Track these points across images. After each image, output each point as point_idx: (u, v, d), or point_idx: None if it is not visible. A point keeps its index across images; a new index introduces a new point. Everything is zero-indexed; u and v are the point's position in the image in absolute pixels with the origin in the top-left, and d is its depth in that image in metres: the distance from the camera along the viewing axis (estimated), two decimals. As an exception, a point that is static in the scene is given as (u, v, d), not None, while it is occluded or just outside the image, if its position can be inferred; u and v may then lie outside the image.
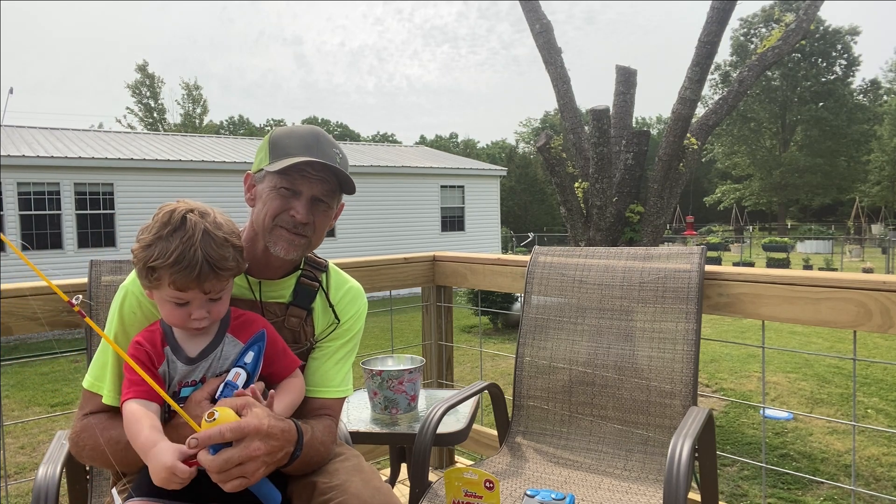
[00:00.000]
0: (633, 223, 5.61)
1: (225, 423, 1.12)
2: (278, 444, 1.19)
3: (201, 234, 1.22)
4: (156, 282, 1.23)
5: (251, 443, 1.14)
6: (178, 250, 1.20)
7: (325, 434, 1.39)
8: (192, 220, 1.23)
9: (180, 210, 1.25)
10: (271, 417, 1.20)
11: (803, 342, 9.87)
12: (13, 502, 5.06)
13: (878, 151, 42.57)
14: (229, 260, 1.25)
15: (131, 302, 1.38)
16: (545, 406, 2.17)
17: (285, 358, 1.39)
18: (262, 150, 1.44)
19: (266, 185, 1.40)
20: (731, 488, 4.89)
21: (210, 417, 1.12)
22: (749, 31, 41.98)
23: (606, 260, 2.18)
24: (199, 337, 1.31)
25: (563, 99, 5.97)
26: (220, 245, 1.24)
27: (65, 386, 8.64)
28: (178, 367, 1.29)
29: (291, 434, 1.24)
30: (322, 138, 1.42)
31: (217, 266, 1.22)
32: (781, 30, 5.79)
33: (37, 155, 13.16)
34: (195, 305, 1.25)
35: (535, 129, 62.33)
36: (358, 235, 17.45)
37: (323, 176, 1.40)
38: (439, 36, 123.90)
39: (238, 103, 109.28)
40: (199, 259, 1.20)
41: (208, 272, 1.21)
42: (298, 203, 1.39)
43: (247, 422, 1.14)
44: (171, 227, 1.22)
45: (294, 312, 1.47)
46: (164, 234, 1.22)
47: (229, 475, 1.12)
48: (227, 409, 1.15)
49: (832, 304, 1.80)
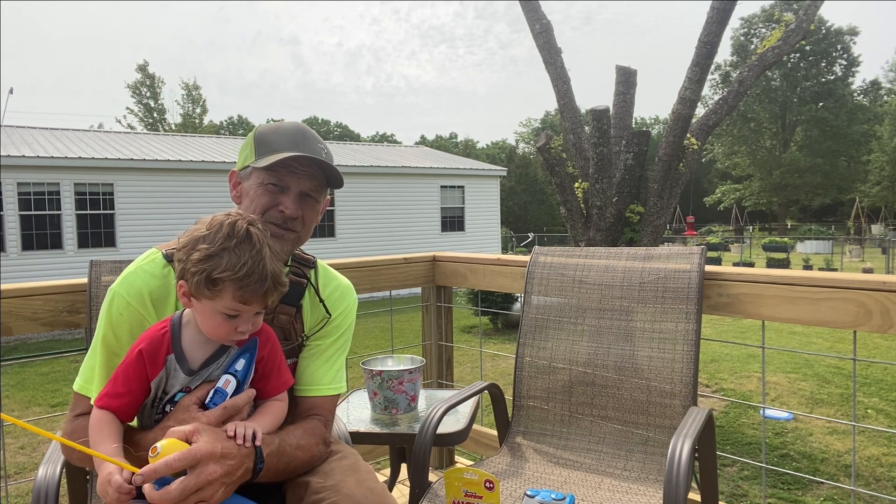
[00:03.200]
0: (633, 223, 5.62)
1: (170, 455, 1.08)
2: (236, 462, 1.16)
3: (268, 251, 1.23)
4: (217, 293, 1.20)
5: (206, 467, 1.11)
6: (248, 264, 1.19)
7: (305, 437, 1.36)
8: (257, 235, 1.23)
9: (243, 221, 1.24)
10: (224, 439, 1.17)
11: (803, 342, 9.87)
12: (13, 502, 5.06)
13: (878, 151, 42.56)
14: (284, 275, 1.27)
15: (119, 304, 1.36)
16: (545, 406, 2.17)
17: (278, 377, 1.36)
18: (246, 147, 1.45)
19: (253, 182, 1.41)
20: (731, 488, 4.89)
21: (153, 452, 1.09)
22: (749, 31, 41.99)
23: (606, 260, 2.18)
24: (206, 345, 1.29)
25: (563, 99, 5.97)
26: (279, 259, 1.27)
27: (65, 386, 8.64)
28: (180, 376, 1.27)
29: (248, 449, 1.20)
30: (308, 134, 1.43)
31: (278, 281, 1.24)
32: (781, 30, 5.79)
33: (37, 155, 13.16)
34: (244, 318, 1.24)
35: (535, 130, 62.35)
36: (358, 235, 17.45)
37: (310, 171, 1.41)
38: (437, 36, 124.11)
39: (236, 103, 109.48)
40: (267, 274, 1.21)
41: (272, 287, 1.23)
42: (287, 198, 1.40)
43: (197, 448, 1.11)
44: (237, 240, 1.21)
45: (283, 310, 1.46)
46: (231, 245, 1.20)
47: (187, 503, 1.10)
48: (173, 441, 1.12)
49: (832, 304, 1.80)
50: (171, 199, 14.51)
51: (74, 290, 1.97)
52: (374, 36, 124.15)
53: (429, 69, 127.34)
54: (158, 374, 1.26)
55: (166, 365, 1.27)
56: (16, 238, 13.02)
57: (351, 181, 17.18)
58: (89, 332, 1.87)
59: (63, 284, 1.97)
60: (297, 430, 1.36)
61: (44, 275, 13.00)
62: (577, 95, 6.04)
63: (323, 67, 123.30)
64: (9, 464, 5.68)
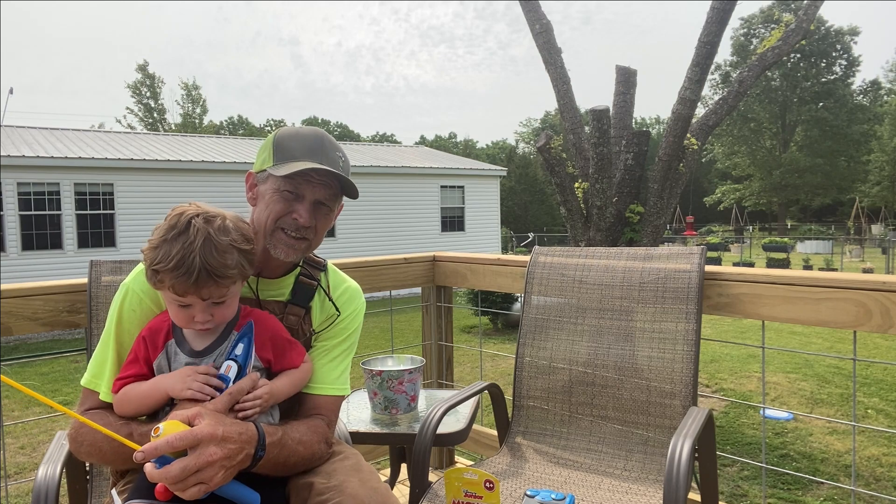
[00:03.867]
0: (633, 223, 5.62)
1: (172, 433, 1.10)
2: (236, 447, 1.17)
3: (202, 240, 1.22)
4: (159, 284, 1.25)
5: (206, 448, 1.12)
6: (179, 256, 1.20)
7: (308, 433, 1.37)
8: (195, 226, 1.23)
9: (187, 214, 1.25)
10: (226, 422, 1.18)
11: (803, 342, 9.87)
12: (13, 502, 5.06)
13: (878, 151, 42.54)
14: (231, 267, 1.25)
15: (132, 300, 1.39)
16: (545, 406, 2.18)
17: (293, 349, 1.40)
18: (265, 149, 1.45)
19: (269, 187, 1.41)
20: (731, 488, 4.89)
21: (156, 432, 1.10)
22: (749, 31, 42.00)
23: (606, 260, 2.18)
24: (206, 334, 1.33)
25: (563, 99, 5.97)
26: (222, 252, 1.24)
27: (65, 386, 8.64)
28: (182, 358, 1.30)
29: (250, 435, 1.22)
30: (326, 142, 1.44)
31: (216, 273, 1.22)
32: (781, 30, 5.79)
33: (37, 155, 13.16)
34: (198, 309, 1.26)
35: (535, 129, 62.35)
36: (358, 235, 17.45)
37: (326, 181, 1.41)
38: (436, 36, 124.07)
39: (235, 103, 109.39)
40: (196, 266, 1.20)
41: (206, 279, 1.22)
42: (301, 206, 1.40)
43: (199, 429, 1.13)
44: (175, 231, 1.23)
45: (293, 311, 1.48)
46: (169, 237, 1.23)
47: (186, 483, 1.11)
48: (174, 422, 1.14)
49: (832, 304, 1.79)
50: (171, 199, 14.49)
51: (74, 290, 1.97)
52: (374, 36, 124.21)
53: (428, 69, 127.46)
54: (158, 357, 1.31)
55: (167, 349, 1.31)
56: (16, 238, 13.02)
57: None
58: (89, 332, 1.87)
59: (63, 284, 1.97)
60: (301, 426, 1.38)
61: (44, 275, 13.00)
62: (577, 95, 6.04)
63: (322, 67, 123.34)
64: (9, 464, 5.68)
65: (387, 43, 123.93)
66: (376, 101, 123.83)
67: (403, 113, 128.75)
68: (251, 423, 1.25)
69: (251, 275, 1.37)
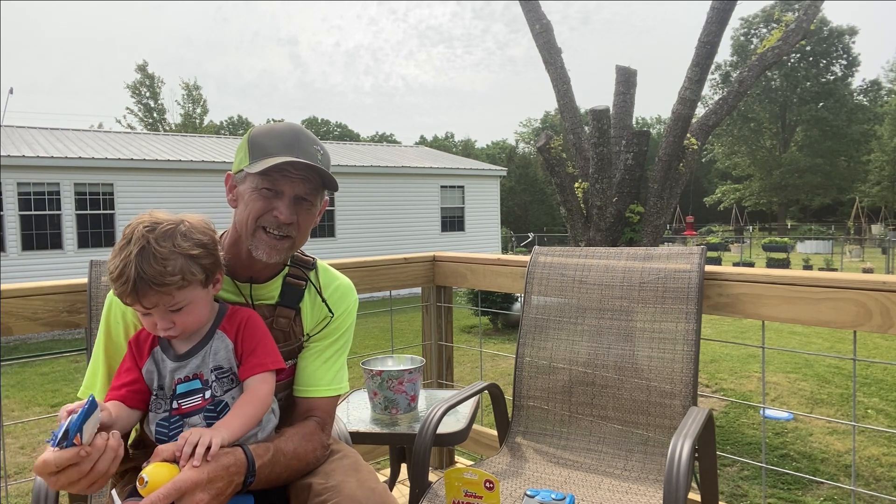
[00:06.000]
0: (633, 223, 5.62)
1: (156, 491, 1.07)
2: (224, 484, 1.16)
3: (139, 249, 1.20)
4: (117, 293, 1.25)
5: (192, 497, 1.10)
6: (120, 266, 1.20)
7: (303, 443, 1.36)
8: (136, 235, 1.22)
9: (134, 224, 1.24)
10: (210, 462, 1.15)
11: (803, 342, 9.87)
12: (13, 502, 5.06)
13: (878, 151, 42.56)
14: (171, 273, 1.20)
15: (115, 312, 1.40)
16: (545, 406, 2.17)
17: (255, 357, 1.33)
18: (241, 149, 1.42)
19: (247, 186, 1.38)
20: (731, 488, 4.89)
21: (141, 483, 1.08)
22: (749, 31, 42.00)
23: (606, 260, 2.18)
24: (189, 337, 1.32)
25: (563, 99, 5.97)
26: (161, 259, 1.20)
27: (65, 386, 8.64)
28: (168, 364, 1.30)
29: (239, 466, 1.19)
30: (302, 136, 1.40)
31: (153, 281, 1.19)
32: (781, 30, 5.79)
33: (37, 155, 13.16)
34: (157, 316, 1.25)
35: (535, 130, 62.33)
36: (358, 235, 17.45)
37: (305, 175, 1.38)
38: (434, 36, 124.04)
39: (235, 103, 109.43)
40: (131, 276, 1.19)
41: (145, 288, 1.19)
42: (281, 203, 1.37)
43: (182, 479, 1.10)
44: (123, 242, 1.23)
45: (282, 313, 1.46)
46: (117, 248, 1.23)
47: None
48: (159, 467, 1.11)
49: (832, 304, 1.79)
50: (171, 199, 14.50)
51: (74, 290, 1.97)
52: (372, 36, 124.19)
53: (427, 69, 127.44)
54: (146, 364, 1.31)
55: (153, 356, 1.32)
56: (16, 238, 13.02)
57: (351, 181, 17.19)
58: (89, 332, 1.87)
59: (63, 284, 1.97)
60: (296, 437, 1.36)
61: (44, 275, 13.00)
62: (577, 95, 6.04)
63: (321, 67, 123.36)
64: (9, 464, 5.68)
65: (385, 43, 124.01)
66: (375, 101, 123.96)
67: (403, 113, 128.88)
68: (239, 447, 1.22)
69: (216, 279, 1.32)
